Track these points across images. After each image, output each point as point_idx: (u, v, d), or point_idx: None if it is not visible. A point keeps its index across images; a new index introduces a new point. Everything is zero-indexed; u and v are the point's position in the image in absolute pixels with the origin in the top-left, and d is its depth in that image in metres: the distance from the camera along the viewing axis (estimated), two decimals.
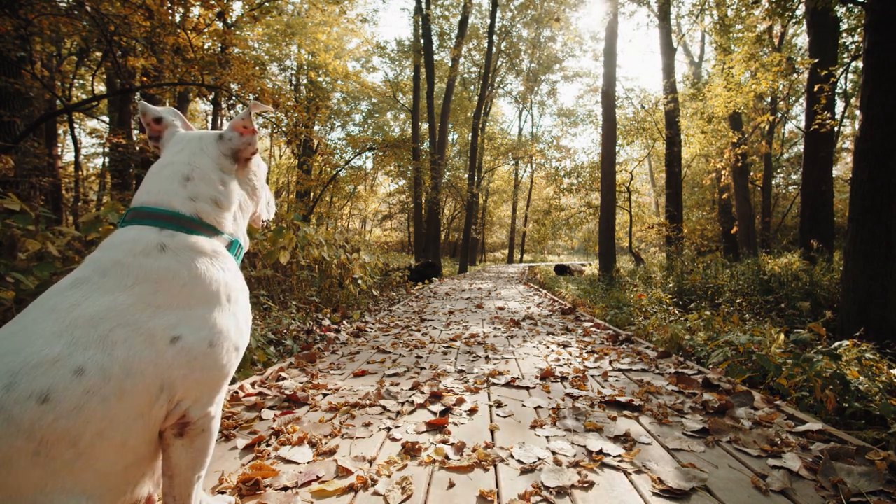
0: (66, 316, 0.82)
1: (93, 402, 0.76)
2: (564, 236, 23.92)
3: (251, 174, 1.16)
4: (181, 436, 0.89)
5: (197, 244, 0.96)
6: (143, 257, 0.90)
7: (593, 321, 4.89)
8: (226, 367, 0.93)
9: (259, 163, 1.19)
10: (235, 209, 1.09)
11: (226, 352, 0.92)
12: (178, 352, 0.85)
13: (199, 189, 1.02)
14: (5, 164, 3.97)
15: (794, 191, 19.99)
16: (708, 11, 11.89)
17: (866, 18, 4.44)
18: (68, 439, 0.74)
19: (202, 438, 0.92)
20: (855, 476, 1.37)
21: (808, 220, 7.72)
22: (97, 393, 0.76)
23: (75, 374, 0.76)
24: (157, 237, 0.93)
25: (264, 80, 8.81)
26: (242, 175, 1.13)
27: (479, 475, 1.41)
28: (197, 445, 0.91)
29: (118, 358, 0.79)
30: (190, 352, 0.86)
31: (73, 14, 4.70)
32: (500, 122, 35.02)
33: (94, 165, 18.20)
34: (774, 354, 2.64)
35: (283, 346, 3.43)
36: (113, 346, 0.80)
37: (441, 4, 19.34)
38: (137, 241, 0.92)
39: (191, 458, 0.91)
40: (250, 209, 1.17)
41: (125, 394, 0.79)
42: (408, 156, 16.12)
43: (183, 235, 0.95)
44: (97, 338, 0.80)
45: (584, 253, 43.66)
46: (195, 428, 0.90)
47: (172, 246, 0.93)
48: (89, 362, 0.77)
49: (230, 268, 1.01)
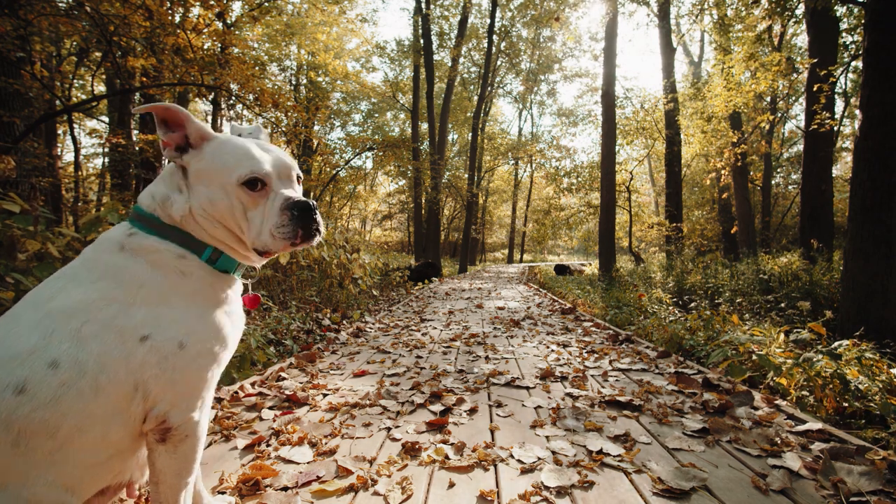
0: (43, 307, 0.82)
1: (69, 395, 0.76)
2: (564, 236, 23.94)
3: (198, 183, 1.01)
4: (163, 441, 0.87)
5: (148, 244, 0.91)
6: (105, 254, 0.90)
7: (593, 321, 4.89)
8: (200, 371, 0.89)
9: (205, 174, 1.03)
10: (194, 215, 0.95)
11: (198, 355, 0.88)
12: (148, 351, 0.83)
13: (158, 188, 0.98)
14: (5, 164, 3.97)
15: (794, 190, 19.99)
16: (707, 11, 11.88)
17: (866, 18, 4.44)
18: (46, 431, 0.75)
19: (186, 445, 0.89)
20: (855, 475, 1.37)
21: (808, 219, 7.72)
22: (73, 386, 0.77)
23: (50, 366, 0.76)
24: (121, 235, 0.92)
25: (264, 80, 8.80)
26: (192, 184, 1.02)
27: (479, 475, 1.41)
28: (181, 452, 0.89)
29: (92, 353, 0.79)
30: (159, 351, 0.84)
31: (73, 14, 4.70)
32: (499, 121, 35.04)
33: (93, 166, 18.20)
34: (774, 354, 2.64)
35: (283, 346, 3.43)
36: (86, 340, 0.79)
37: (441, 4, 19.35)
38: (108, 237, 0.93)
39: (175, 464, 0.89)
40: (216, 221, 0.96)
41: (100, 389, 0.79)
42: (407, 156, 16.12)
43: (140, 234, 0.92)
44: (70, 332, 0.79)
45: (584, 253, 43.65)
46: (177, 434, 0.87)
47: (128, 245, 0.91)
48: (64, 356, 0.77)
49: (192, 270, 0.93)
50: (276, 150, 1.02)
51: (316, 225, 0.96)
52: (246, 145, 0.97)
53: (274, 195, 0.96)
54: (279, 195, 0.95)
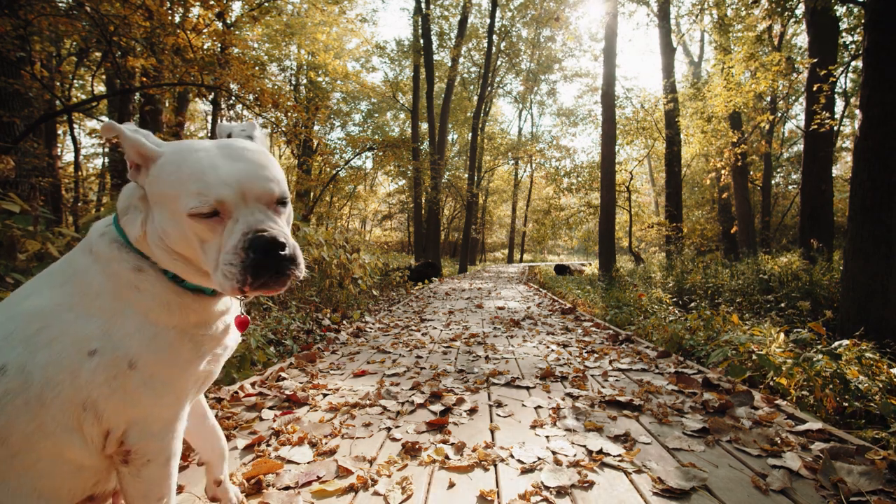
0: (13, 308, 0.80)
1: (15, 403, 0.73)
2: (564, 236, 23.96)
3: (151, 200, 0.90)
4: (126, 463, 0.83)
5: (109, 252, 0.84)
6: (76, 253, 0.87)
7: (593, 321, 4.89)
8: (156, 396, 0.82)
9: (158, 195, 0.85)
10: (153, 242, 0.83)
11: (151, 378, 0.80)
12: (95, 367, 0.77)
13: (123, 194, 0.89)
14: (5, 164, 3.97)
15: (794, 190, 19.99)
16: (707, 11, 11.89)
17: (866, 18, 4.44)
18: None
19: (149, 469, 0.83)
20: (855, 475, 1.37)
21: (808, 219, 7.72)
22: (19, 395, 0.74)
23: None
24: (96, 234, 0.87)
25: (264, 80, 8.80)
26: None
27: (479, 475, 1.41)
28: (144, 476, 0.83)
29: (40, 363, 0.75)
30: (107, 369, 0.77)
31: (73, 14, 4.70)
32: (499, 121, 35.04)
33: (93, 166, 18.21)
34: (774, 354, 2.64)
35: (282, 346, 3.43)
36: (37, 349, 0.75)
37: (441, 4, 19.35)
38: (90, 232, 0.89)
39: (140, 488, 0.84)
40: (165, 243, 0.83)
41: (46, 404, 0.75)
42: (407, 156, 16.11)
43: (104, 241, 0.85)
44: (26, 336, 0.76)
45: (584, 253, 43.65)
46: (138, 457, 0.82)
47: (94, 248, 0.85)
48: (12, 362, 0.74)
49: (147, 288, 0.83)
50: (251, 160, 0.81)
51: (282, 267, 0.77)
52: (200, 161, 0.77)
53: (233, 224, 0.76)
54: (238, 226, 0.76)
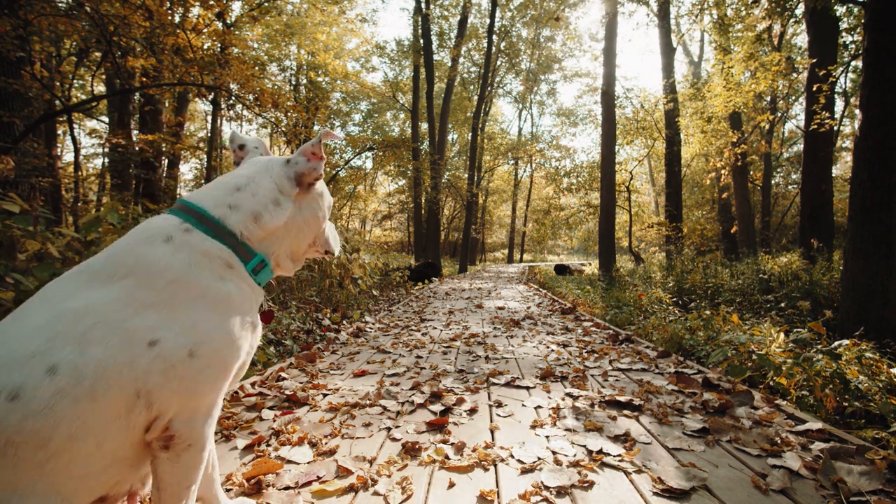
0: (55, 307, 0.79)
1: (63, 403, 0.73)
2: (564, 236, 23.98)
3: (312, 200, 1.14)
4: (166, 449, 0.85)
5: (202, 244, 0.91)
6: (143, 244, 0.88)
7: (593, 321, 4.89)
8: (209, 382, 0.87)
9: (323, 191, 1.18)
10: (280, 229, 1.05)
11: (209, 366, 0.86)
12: (154, 357, 0.80)
13: (242, 199, 1.00)
14: (5, 164, 3.97)
15: (794, 190, 19.99)
16: (707, 11, 11.89)
17: (866, 18, 4.44)
18: (37, 440, 0.71)
19: (189, 454, 0.88)
20: (855, 475, 1.37)
21: (808, 219, 7.73)
22: (68, 394, 0.73)
23: (48, 372, 0.73)
24: (171, 228, 0.91)
25: (264, 80, 8.80)
26: (302, 199, 1.11)
27: (479, 475, 1.41)
28: (184, 460, 0.87)
29: (92, 358, 0.76)
30: (167, 359, 0.81)
31: (73, 14, 4.70)
32: (499, 121, 35.03)
33: (93, 166, 18.22)
34: (774, 354, 2.64)
35: (282, 346, 3.43)
36: (89, 344, 0.76)
37: (440, 4, 19.35)
38: (150, 226, 0.91)
39: (178, 472, 0.88)
40: (305, 235, 1.14)
41: (98, 397, 0.76)
42: (407, 156, 16.12)
43: (197, 233, 0.92)
44: (77, 335, 0.76)
45: (584, 253, 43.67)
46: (180, 442, 0.86)
47: (178, 239, 0.89)
48: (63, 361, 0.74)
49: (232, 279, 0.94)
50: None
51: None
52: None
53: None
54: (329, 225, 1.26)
